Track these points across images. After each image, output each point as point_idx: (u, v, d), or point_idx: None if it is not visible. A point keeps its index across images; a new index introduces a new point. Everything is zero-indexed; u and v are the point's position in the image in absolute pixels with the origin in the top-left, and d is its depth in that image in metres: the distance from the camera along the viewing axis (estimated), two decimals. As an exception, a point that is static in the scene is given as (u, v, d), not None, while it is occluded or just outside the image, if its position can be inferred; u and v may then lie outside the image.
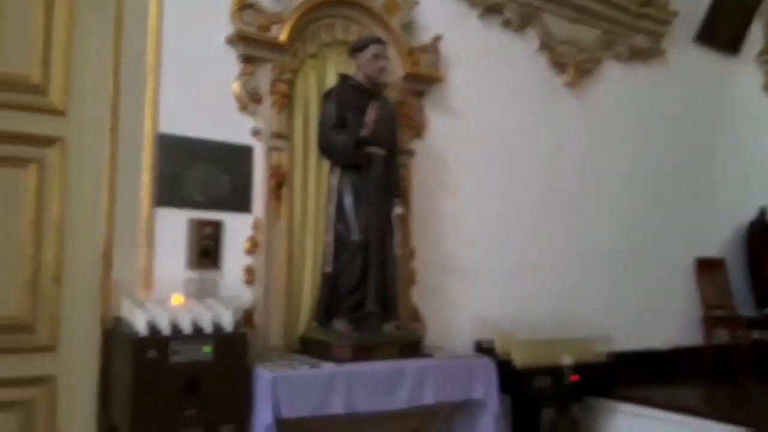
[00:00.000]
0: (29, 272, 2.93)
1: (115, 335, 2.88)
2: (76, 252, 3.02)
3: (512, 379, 3.65)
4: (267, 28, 3.39)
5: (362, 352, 3.11)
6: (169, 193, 3.15)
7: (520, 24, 4.45)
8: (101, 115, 3.05)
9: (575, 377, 3.87)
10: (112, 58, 3.05)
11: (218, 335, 2.79)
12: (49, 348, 2.95)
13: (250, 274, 3.29)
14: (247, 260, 3.30)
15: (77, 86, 3.07)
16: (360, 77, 3.48)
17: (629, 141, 5.00)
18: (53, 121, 3.02)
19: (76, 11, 3.09)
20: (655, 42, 5.13)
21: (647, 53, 5.10)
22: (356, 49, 3.50)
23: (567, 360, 3.90)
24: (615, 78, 4.96)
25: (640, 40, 5.05)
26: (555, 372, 3.83)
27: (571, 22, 4.68)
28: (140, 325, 2.69)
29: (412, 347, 3.31)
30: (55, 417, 2.94)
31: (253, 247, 3.31)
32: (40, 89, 3.00)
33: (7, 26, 2.93)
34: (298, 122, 3.47)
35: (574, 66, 4.67)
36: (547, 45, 4.58)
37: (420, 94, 3.94)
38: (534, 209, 4.43)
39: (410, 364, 3.16)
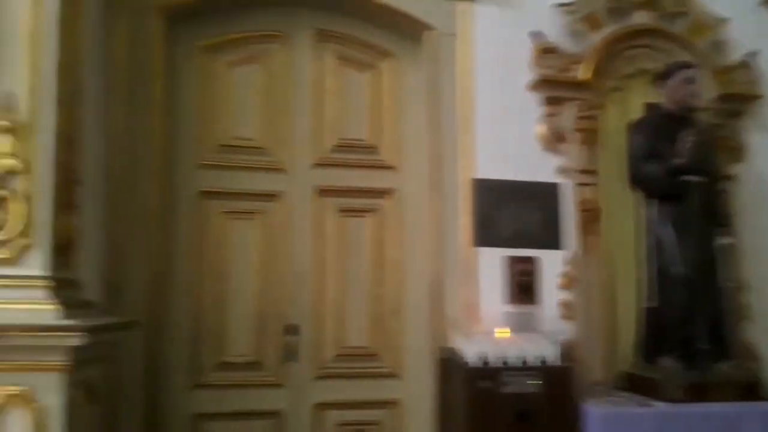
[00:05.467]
0: (373, 307, 3.19)
1: (448, 364, 2.96)
2: (410, 289, 3.22)
3: None
4: (568, 69, 3.30)
5: (695, 393, 2.76)
6: (485, 233, 3.18)
7: None
8: (424, 167, 3.22)
9: None
10: (430, 116, 3.21)
11: (545, 368, 2.72)
12: (393, 374, 3.16)
13: (567, 309, 3.16)
14: (564, 295, 3.18)
15: (404, 144, 3.32)
16: (668, 105, 3.20)
17: None
18: (387, 175, 3.29)
19: (398, 79, 3.36)
20: None
21: None
22: (662, 76, 3.22)
23: None
24: None
25: None
26: None
27: None
28: (472, 356, 2.73)
29: (751, 389, 2.86)
30: (401, 437, 3.13)
31: (568, 282, 3.18)
32: (374, 149, 3.30)
33: (346, 102, 3.29)
34: (603, 156, 3.30)
35: None
36: None
37: (737, 115, 3.49)
38: None
39: (753, 408, 2.73)
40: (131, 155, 2.87)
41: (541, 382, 2.68)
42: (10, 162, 2.04)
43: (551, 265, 3.20)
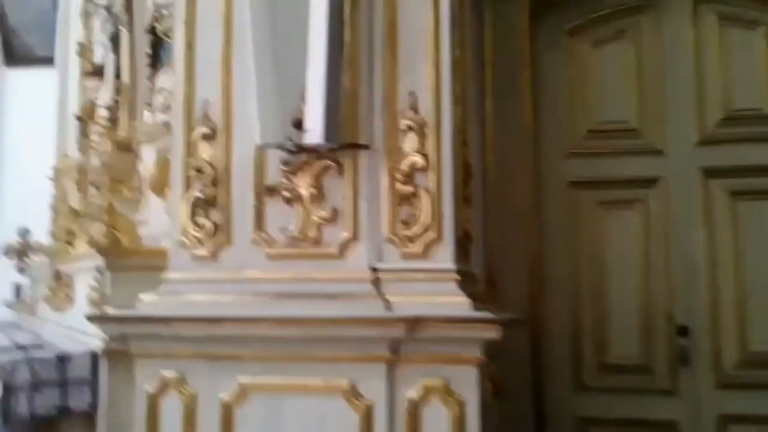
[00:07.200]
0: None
1: None
2: None
3: None
4: None
5: None
6: None
7: None
8: None
9: None
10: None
11: None
12: None
13: None
14: None
15: None
16: None
17: None
18: None
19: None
20: None
21: None
22: None
23: None
24: None
25: None
26: None
27: None
28: None
29: None
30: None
31: None
32: None
33: (733, 67, 2.83)
34: None
35: None
36: None
37: None
38: None
39: None
40: (501, 148, 2.87)
41: None
42: (417, 159, 2.13)
43: None
